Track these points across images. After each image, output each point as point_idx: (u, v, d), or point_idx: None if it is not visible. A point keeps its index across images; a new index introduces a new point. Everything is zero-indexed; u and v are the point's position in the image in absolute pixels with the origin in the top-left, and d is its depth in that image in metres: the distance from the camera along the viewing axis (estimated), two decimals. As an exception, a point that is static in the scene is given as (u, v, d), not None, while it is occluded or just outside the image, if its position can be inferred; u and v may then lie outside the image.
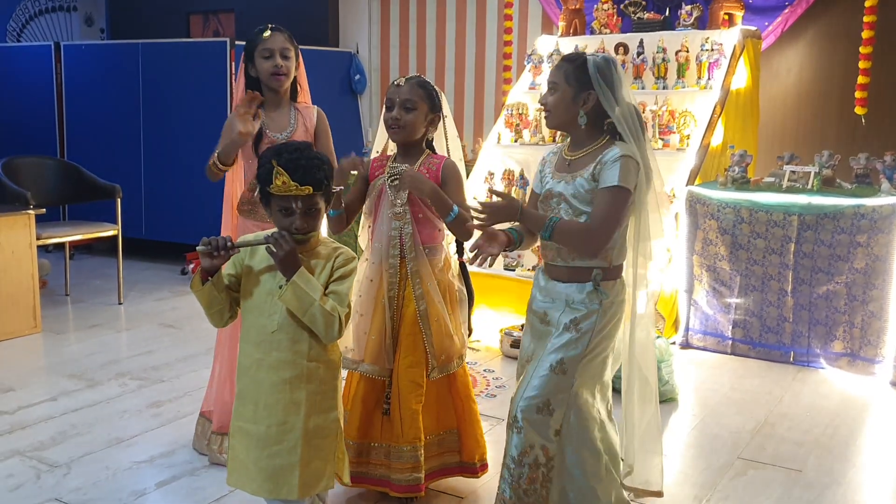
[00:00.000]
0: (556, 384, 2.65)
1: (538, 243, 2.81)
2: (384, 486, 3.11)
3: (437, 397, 3.16)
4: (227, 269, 2.46)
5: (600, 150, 2.65)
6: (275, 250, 2.33)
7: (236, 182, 3.52)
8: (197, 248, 2.35)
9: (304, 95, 3.51)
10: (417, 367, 3.05)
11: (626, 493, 2.88)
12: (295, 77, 3.39)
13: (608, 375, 2.81)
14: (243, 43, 3.42)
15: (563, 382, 2.66)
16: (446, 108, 3.14)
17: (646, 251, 2.76)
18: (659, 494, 3.02)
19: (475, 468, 3.22)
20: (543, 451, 2.67)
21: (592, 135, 2.69)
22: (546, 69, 6.24)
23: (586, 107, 2.65)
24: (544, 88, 2.83)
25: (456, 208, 2.91)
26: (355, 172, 3.09)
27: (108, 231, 6.23)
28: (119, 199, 6.21)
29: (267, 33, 3.29)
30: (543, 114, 2.78)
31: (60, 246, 6.55)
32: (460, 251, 3.23)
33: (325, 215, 2.50)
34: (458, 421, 3.21)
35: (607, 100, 2.63)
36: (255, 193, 2.49)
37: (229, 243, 2.35)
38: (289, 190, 2.32)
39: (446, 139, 3.20)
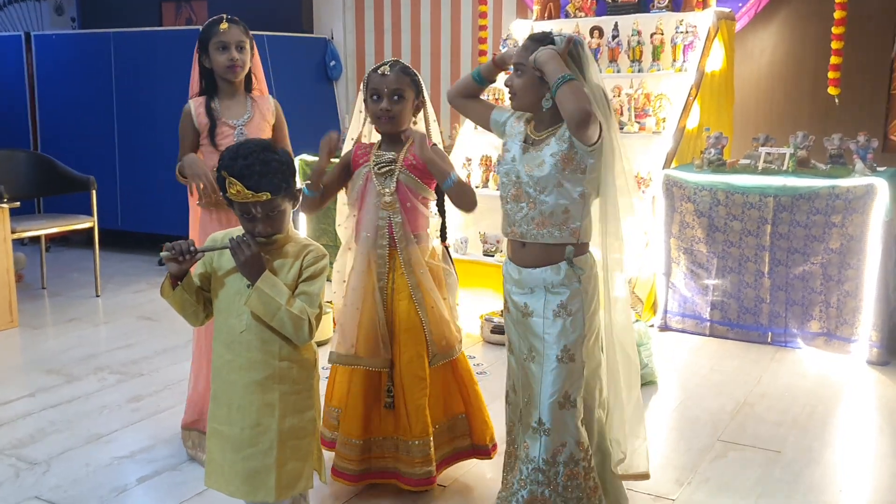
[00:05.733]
0: (569, 373, 2.62)
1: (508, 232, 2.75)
2: (393, 477, 3.10)
3: (443, 386, 3.17)
4: (196, 268, 2.44)
5: (564, 126, 2.56)
6: (237, 254, 2.31)
7: None
8: (161, 254, 2.33)
9: (260, 85, 3.51)
10: (419, 360, 3.03)
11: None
12: (250, 68, 3.41)
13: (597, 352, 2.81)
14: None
15: (574, 370, 2.63)
16: (425, 92, 3.11)
17: (616, 233, 2.70)
18: (646, 476, 3.02)
19: (487, 449, 3.25)
20: (579, 446, 2.64)
21: (558, 116, 2.57)
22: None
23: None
24: None
25: (454, 174, 2.89)
26: (335, 160, 3.07)
27: (84, 223, 6.17)
28: (94, 191, 6.16)
29: (224, 25, 3.30)
30: (508, 95, 2.70)
31: (36, 239, 6.48)
32: (444, 236, 3.22)
33: (291, 212, 2.45)
34: (465, 406, 3.22)
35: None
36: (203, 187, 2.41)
37: (192, 248, 2.33)
38: (245, 198, 2.28)
39: (427, 123, 3.17)
